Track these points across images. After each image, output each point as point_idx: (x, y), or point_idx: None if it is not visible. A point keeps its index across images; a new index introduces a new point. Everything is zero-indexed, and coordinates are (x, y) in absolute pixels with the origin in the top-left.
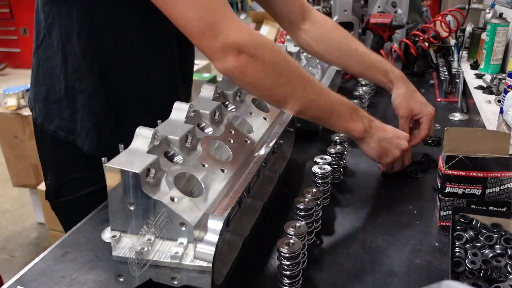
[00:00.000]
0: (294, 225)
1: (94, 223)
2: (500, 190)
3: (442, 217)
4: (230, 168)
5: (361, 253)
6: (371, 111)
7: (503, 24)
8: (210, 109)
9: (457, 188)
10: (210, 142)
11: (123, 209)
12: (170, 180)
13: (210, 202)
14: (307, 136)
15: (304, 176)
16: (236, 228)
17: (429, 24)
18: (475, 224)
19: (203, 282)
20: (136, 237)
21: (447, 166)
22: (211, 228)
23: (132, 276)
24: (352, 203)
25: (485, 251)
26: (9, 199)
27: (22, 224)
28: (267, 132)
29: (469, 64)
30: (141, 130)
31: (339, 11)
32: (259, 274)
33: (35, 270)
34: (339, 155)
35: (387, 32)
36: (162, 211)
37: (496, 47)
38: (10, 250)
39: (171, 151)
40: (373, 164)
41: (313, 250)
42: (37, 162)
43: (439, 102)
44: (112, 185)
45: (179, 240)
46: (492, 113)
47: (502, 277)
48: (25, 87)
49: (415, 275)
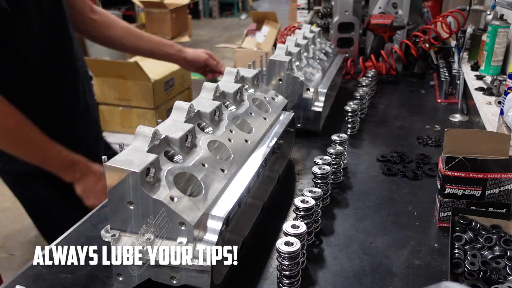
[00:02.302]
0: (293, 225)
1: (93, 222)
2: (499, 192)
3: (442, 218)
4: (230, 168)
5: (361, 253)
6: (371, 111)
7: (503, 26)
8: (210, 109)
9: (456, 189)
10: (210, 142)
11: (123, 208)
12: (170, 179)
13: (209, 201)
14: (307, 136)
15: (304, 176)
16: (235, 228)
17: (430, 25)
18: (475, 226)
19: (202, 282)
20: (136, 236)
21: (447, 167)
22: (210, 227)
23: (131, 275)
24: (352, 204)
25: (484, 253)
26: (9, 198)
27: (22, 223)
28: (267, 132)
29: (470, 65)
30: (141, 129)
31: (340, 11)
32: (258, 274)
33: (34, 268)
34: (339, 156)
35: (388, 33)
36: (162, 210)
37: (496, 48)
38: (10, 248)
39: (171, 151)
40: (373, 164)
41: (312, 250)
42: None
43: (439, 103)
44: (112, 184)
45: (179, 240)
46: (492, 114)
47: (501, 279)
48: None
49: (414, 276)
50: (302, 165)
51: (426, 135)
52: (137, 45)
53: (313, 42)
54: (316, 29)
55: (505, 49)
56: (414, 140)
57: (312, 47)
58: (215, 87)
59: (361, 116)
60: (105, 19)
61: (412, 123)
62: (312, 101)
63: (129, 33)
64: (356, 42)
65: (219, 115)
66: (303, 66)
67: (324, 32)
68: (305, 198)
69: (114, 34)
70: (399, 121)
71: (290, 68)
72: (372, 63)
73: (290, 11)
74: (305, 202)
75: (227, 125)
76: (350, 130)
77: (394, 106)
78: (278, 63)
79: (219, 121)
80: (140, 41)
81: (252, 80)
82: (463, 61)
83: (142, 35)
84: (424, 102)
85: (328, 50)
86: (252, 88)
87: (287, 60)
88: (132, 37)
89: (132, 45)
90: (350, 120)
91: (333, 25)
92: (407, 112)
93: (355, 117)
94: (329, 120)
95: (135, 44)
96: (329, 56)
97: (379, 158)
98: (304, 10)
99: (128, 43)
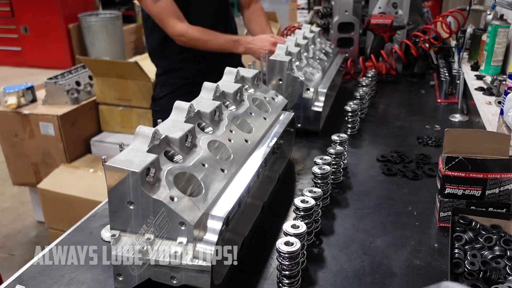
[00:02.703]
0: (294, 225)
1: (93, 222)
2: (499, 192)
3: (442, 218)
4: (230, 168)
5: (361, 253)
6: (371, 111)
7: (503, 26)
8: (210, 109)
9: (456, 189)
10: (210, 142)
11: (123, 208)
12: (170, 179)
13: (209, 201)
14: (307, 136)
15: (304, 176)
16: (235, 228)
17: (430, 25)
18: (475, 226)
19: (202, 282)
20: (136, 236)
21: (447, 167)
22: (210, 227)
23: (131, 275)
24: (352, 204)
25: (484, 253)
26: (9, 198)
27: (22, 223)
28: (267, 132)
29: (470, 65)
30: (141, 129)
31: (340, 11)
32: (258, 274)
33: (34, 268)
34: (339, 156)
35: (388, 33)
36: (162, 210)
37: (496, 48)
38: (10, 248)
39: (171, 151)
40: (373, 164)
41: (312, 250)
42: (36, 161)
43: (439, 103)
44: (112, 184)
45: (179, 240)
46: (492, 114)
47: (501, 279)
48: (25, 86)
49: (414, 276)
50: (302, 165)
51: (426, 135)
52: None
53: (313, 42)
54: (316, 29)
55: (505, 49)
56: (414, 140)
57: (312, 47)
58: (215, 87)
59: (361, 116)
60: (251, 14)
61: (412, 123)
62: (312, 101)
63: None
64: (356, 42)
65: (219, 115)
66: (303, 66)
67: (324, 32)
68: (305, 198)
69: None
70: (399, 121)
71: (290, 68)
72: (372, 63)
73: (290, 11)
74: (305, 202)
75: (227, 125)
76: (350, 130)
77: (394, 106)
78: (278, 63)
79: (219, 121)
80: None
81: (252, 80)
82: (463, 61)
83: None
84: (424, 102)
85: (328, 50)
86: (252, 88)
87: (287, 60)
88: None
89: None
90: (350, 120)
91: (333, 25)
92: (407, 112)
93: (355, 117)
94: (329, 120)
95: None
96: (329, 56)
97: (379, 158)
98: (304, 10)
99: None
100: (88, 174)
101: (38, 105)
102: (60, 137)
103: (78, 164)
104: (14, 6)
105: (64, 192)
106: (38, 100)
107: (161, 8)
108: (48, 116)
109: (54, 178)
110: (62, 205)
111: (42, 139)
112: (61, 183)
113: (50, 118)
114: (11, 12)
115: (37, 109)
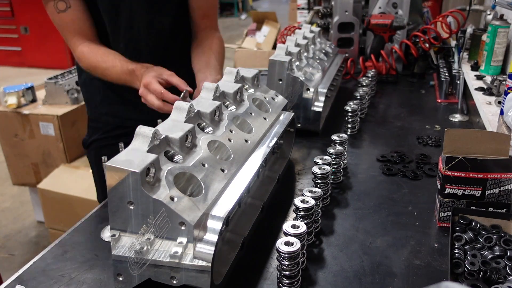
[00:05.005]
0: (294, 225)
1: (93, 222)
2: (499, 192)
3: (442, 218)
4: (230, 168)
5: (360, 253)
6: (371, 111)
7: (503, 26)
8: (210, 109)
9: (456, 189)
10: (210, 142)
11: (123, 208)
12: (170, 179)
13: (209, 201)
14: (307, 136)
15: (304, 176)
16: (235, 228)
17: (430, 25)
18: (475, 226)
19: (202, 282)
20: (136, 236)
21: (447, 167)
22: (210, 227)
23: (131, 275)
24: (352, 204)
25: (484, 253)
26: (9, 198)
27: (22, 223)
28: (267, 132)
29: (470, 65)
30: (141, 129)
31: (340, 11)
32: (258, 274)
33: (34, 268)
34: (339, 156)
35: (388, 33)
36: (162, 210)
37: (496, 48)
38: (10, 248)
39: (171, 151)
40: (373, 164)
41: (312, 250)
42: (36, 161)
43: (439, 103)
44: (112, 184)
45: (179, 240)
46: (492, 114)
47: (501, 279)
48: (25, 86)
49: (414, 276)
50: (302, 165)
51: (426, 135)
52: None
53: (313, 42)
54: (316, 29)
55: (505, 49)
56: (414, 140)
57: (312, 47)
58: (215, 87)
59: (361, 116)
60: (199, 44)
61: (412, 123)
62: (312, 101)
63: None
64: (356, 42)
65: (219, 115)
66: (303, 66)
67: (324, 32)
68: (305, 198)
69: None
70: (399, 121)
71: (290, 68)
72: (372, 63)
73: (290, 11)
74: (305, 202)
75: (227, 125)
76: (350, 130)
77: (394, 106)
78: (278, 63)
79: (219, 121)
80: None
81: (252, 80)
82: (463, 61)
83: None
84: (424, 102)
85: (328, 50)
86: (252, 88)
87: (287, 60)
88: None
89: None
90: (350, 120)
91: (333, 25)
92: (407, 112)
93: (355, 117)
94: (329, 120)
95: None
96: (329, 56)
97: (379, 158)
98: (304, 10)
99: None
100: (88, 174)
101: (38, 105)
102: (60, 137)
103: (78, 164)
104: (14, 6)
105: (64, 192)
106: (38, 100)
107: (64, 21)
108: (48, 116)
109: (54, 178)
110: (62, 205)
111: (42, 139)
112: (61, 183)
113: (50, 118)
114: (11, 12)
115: (37, 109)
